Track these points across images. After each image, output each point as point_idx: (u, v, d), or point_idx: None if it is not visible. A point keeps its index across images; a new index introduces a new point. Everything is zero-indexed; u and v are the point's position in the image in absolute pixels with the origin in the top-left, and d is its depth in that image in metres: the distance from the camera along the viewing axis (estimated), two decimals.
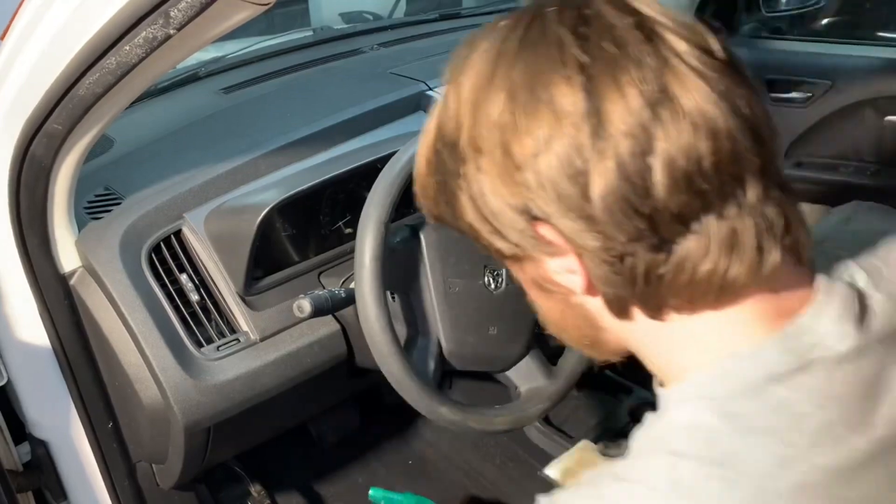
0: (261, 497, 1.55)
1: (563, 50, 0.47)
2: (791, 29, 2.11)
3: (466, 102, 0.51)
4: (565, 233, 0.50)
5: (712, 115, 0.46)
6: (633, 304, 0.53)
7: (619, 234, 0.48)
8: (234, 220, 1.07)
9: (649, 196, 0.47)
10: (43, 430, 1.15)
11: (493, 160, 0.50)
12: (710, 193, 0.47)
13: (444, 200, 0.56)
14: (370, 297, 0.88)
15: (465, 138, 0.51)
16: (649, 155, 0.46)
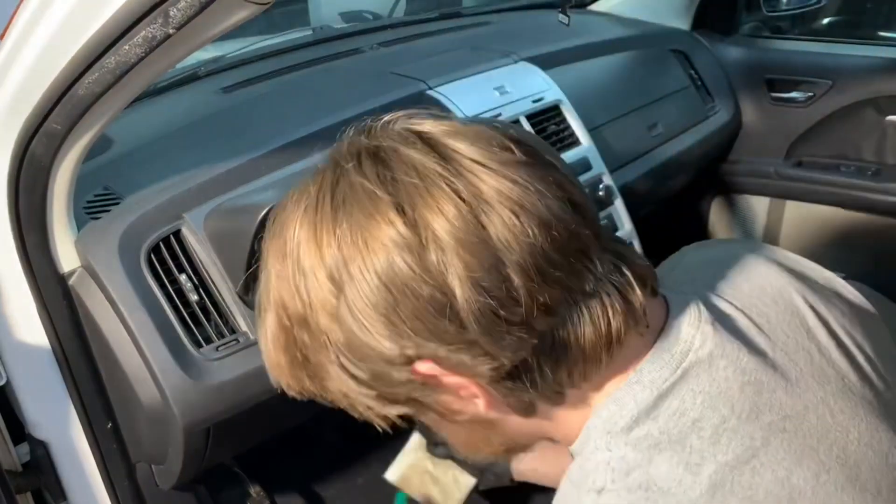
0: (260, 497, 1.55)
1: (376, 199, 0.49)
2: (792, 28, 2.11)
3: (301, 275, 0.51)
4: (453, 367, 0.51)
5: (532, 204, 0.48)
6: (537, 401, 0.55)
7: (504, 351, 0.49)
8: (234, 220, 1.07)
9: (516, 303, 0.48)
10: (42, 430, 1.15)
11: (354, 320, 0.50)
12: (565, 279, 0.49)
13: (308, 375, 0.57)
14: None
15: (315, 310, 0.52)
16: (500, 265, 0.47)
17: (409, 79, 1.42)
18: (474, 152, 0.50)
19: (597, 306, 0.51)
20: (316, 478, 1.66)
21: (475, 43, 1.66)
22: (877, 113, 1.78)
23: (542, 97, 1.44)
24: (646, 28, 1.99)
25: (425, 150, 0.51)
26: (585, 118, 1.49)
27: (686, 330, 0.56)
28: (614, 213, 1.46)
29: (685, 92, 1.84)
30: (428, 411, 0.57)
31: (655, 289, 0.58)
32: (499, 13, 2.04)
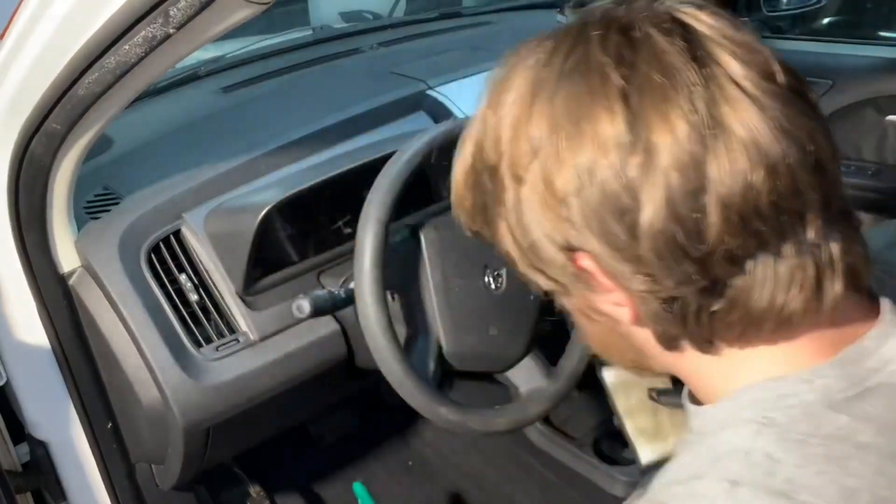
0: (260, 497, 1.55)
1: (606, 80, 0.45)
2: (792, 28, 2.11)
3: (507, 128, 0.49)
4: (611, 272, 0.48)
5: (770, 147, 0.43)
6: (683, 339, 0.51)
7: (667, 279, 0.46)
8: (234, 220, 1.07)
9: (701, 239, 0.44)
10: (42, 430, 1.15)
11: (534, 191, 0.48)
12: (766, 233, 0.44)
13: (483, 220, 0.55)
14: (370, 297, 0.88)
15: (505, 165, 0.49)
16: (702, 194, 0.43)
17: (409, 79, 1.42)
18: (736, 68, 0.44)
19: (784, 275, 0.45)
20: (316, 478, 1.66)
21: (475, 43, 1.66)
22: (877, 113, 1.78)
23: None
24: None
25: (682, 47, 0.45)
26: None
27: (891, 349, 0.49)
28: None
29: None
30: (571, 299, 0.55)
31: (864, 287, 0.51)
32: (499, 13, 2.04)
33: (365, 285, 0.88)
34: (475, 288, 1.00)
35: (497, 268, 1.02)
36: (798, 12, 2.03)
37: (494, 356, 1.02)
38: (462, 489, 1.64)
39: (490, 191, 0.52)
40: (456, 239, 1.01)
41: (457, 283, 0.99)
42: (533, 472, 1.61)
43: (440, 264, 0.98)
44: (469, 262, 1.00)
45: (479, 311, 1.00)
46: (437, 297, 0.97)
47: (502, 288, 1.02)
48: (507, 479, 1.63)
